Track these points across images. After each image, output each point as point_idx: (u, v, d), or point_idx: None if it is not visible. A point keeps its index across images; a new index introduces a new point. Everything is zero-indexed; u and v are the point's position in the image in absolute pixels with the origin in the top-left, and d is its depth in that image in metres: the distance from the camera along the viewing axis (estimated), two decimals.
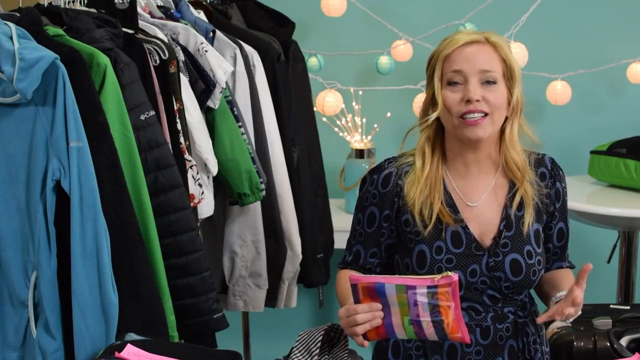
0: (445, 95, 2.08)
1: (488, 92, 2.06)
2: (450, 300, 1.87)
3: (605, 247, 3.56)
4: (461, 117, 2.06)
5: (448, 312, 1.88)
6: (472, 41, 2.08)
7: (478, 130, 2.06)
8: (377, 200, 2.16)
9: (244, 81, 2.85)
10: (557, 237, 2.22)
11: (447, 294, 1.87)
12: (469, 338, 1.93)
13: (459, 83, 2.07)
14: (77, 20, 2.23)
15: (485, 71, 2.06)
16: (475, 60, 2.06)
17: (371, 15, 3.78)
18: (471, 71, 2.06)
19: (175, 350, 2.00)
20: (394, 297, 1.89)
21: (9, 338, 2.09)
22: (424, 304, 1.88)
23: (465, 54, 2.07)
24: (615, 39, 3.81)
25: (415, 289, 1.88)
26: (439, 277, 1.87)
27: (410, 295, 1.88)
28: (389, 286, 1.89)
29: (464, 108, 2.05)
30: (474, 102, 2.04)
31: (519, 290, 2.13)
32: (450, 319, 1.89)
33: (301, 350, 1.97)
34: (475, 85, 2.05)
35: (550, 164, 2.21)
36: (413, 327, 1.91)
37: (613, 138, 3.59)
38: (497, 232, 2.13)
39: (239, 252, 2.92)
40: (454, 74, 2.07)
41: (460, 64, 2.06)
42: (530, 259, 2.11)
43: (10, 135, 2.02)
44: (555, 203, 2.19)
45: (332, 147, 3.78)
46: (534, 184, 2.16)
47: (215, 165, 2.64)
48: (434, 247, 2.10)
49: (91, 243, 2.02)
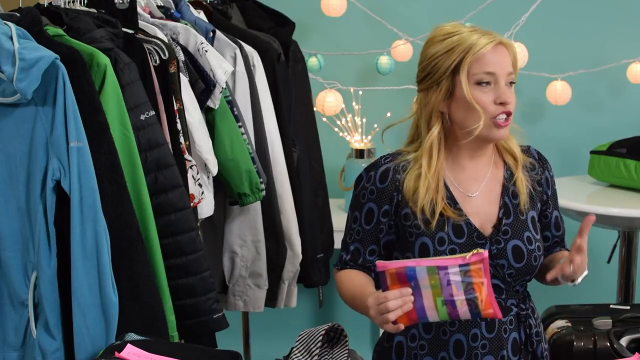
0: (477, 95, 2.09)
1: (510, 93, 2.10)
2: (483, 277, 1.91)
3: (605, 247, 3.56)
4: (493, 118, 2.09)
5: (482, 288, 1.92)
6: (498, 42, 2.10)
7: (506, 131, 2.11)
8: (375, 196, 2.17)
9: (244, 81, 2.85)
10: (555, 226, 2.27)
11: (480, 271, 1.91)
12: (500, 313, 1.97)
13: (489, 83, 2.09)
14: (77, 20, 2.23)
15: (510, 73, 2.11)
16: (503, 62, 2.10)
17: (371, 15, 3.78)
18: (502, 73, 2.09)
19: (175, 350, 2.00)
20: (426, 279, 1.91)
21: (9, 338, 2.09)
22: (458, 283, 1.91)
23: (497, 55, 2.09)
24: (615, 39, 3.81)
25: (447, 268, 1.91)
26: (470, 255, 1.91)
27: (442, 276, 1.91)
28: (420, 269, 1.91)
29: (496, 110, 2.08)
30: (507, 105, 2.08)
31: (521, 278, 2.15)
32: (483, 295, 1.93)
33: (301, 350, 1.97)
34: (506, 88, 2.09)
35: (537, 154, 2.27)
36: (446, 307, 1.94)
37: (613, 138, 3.59)
38: (496, 221, 2.16)
39: (239, 252, 2.92)
40: (485, 75, 2.09)
41: (494, 66, 2.09)
42: (530, 245, 2.14)
43: (10, 135, 2.02)
44: (547, 191, 2.24)
45: (332, 147, 3.78)
46: (526, 170, 2.21)
47: (215, 165, 2.64)
48: (436, 239, 2.11)
49: (91, 243, 2.02)
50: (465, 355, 2.14)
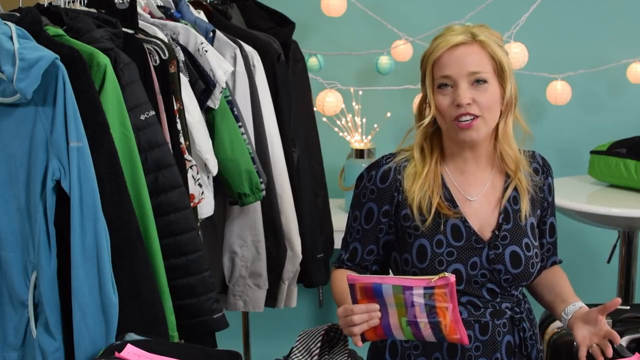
0: (437, 99, 2.09)
1: (478, 94, 2.07)
2: (448, 302, 1.86)
3: (605, 247, 3.56)
4: (454, 120, 2.08)
5: (445, 313, 1.87)
6: (458, 43, 2.07)
7: (472, 133, 2.08)
8: (376, 195, 2.17)
9: (244, 81, 2.85)
10: (549, 233, 2.27)
11: (445, 295, 1.86)
12: (467, 340, 1.92)
13: (449, 86, 2.08)
14: (77, 20, 2.23)
15: (474, 73, 2.07)
16: (463, 62, 2.07)
17: (371, 15, 3.78)
18: (460, 74, 2.06)
19: (175, 350, 2.00)
20: (391, 297, 1.88)
21: (9, 338, 2.09)
22: (421, 305, 1.87)
23: (453, 57, 2.07)
24: (615, 39, 3.81)
25: (412, 289, 1.86)
26: (436, 278, 1.85)
27: (407, 296, 1.87)
28: (386, 286, 1.88)
29: (455, 112, 2.07)
30: (465, 106, 2.06)
31: (517, 284, 2.14)
32: (447, 320, 1.88)
33: (301, 350, 1.97)
34: (464, 89, 2.06)
35: (541, 159, 2.26)
36: (411, 328, 1.91)
37: (613, 138, 3.59)
38: (496, 225, 2.15)
39: (239, 252, 2.92)
40: (443, 78, 2.08)
41: (449, 68, 2.07)
42: (528, 252, 2.14)
43: (10, 136, 2.02)
44: (547, 198, 2.24)
45: (332, 147, 3.78)
46: (529, 176, 2.19)
47: (215, 165, 2.64)
48: (434, 241, 2.11)
49: (91, 243, 2.01)
50: (458, 356, 2.13)
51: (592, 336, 2.04)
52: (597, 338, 2.04)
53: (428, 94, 2.11)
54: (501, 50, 2.11)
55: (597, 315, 2.03)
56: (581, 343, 2.05)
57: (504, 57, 2.10)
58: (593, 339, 2.04)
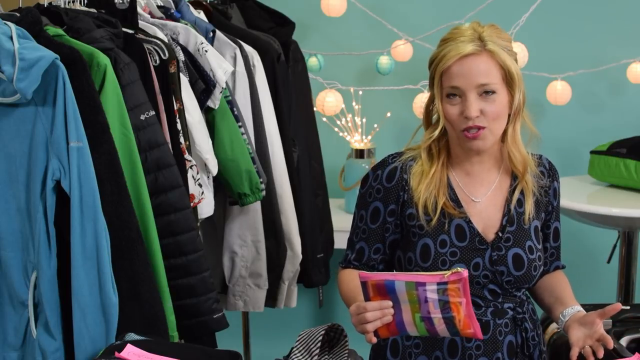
0: (446, 108, 2.09)
1: (487, 104, 2.06)
2: (461, 297, 1.87)
3: (605, 247, 3.56)
4: (462, 131, 2.08)
5: (459, 308, 1.88)
6: (468, 53, 2.06)
7: (478, 143, 2.09)
8: (382, 195, 2.17)
9: (244, 81, 2.85)
10: (554, 237, 2.27)
11: (458, 290, 1.87)
12: (481, 334, 1.93)
13: (457, 96, 2.08)
14: (77, 20, 2.23)
15: (482, 84, 2.06)
16: (472, 73, 2.06)
17: (371, 15, 3.78)
18: (469, 86, 2.05)
19: (175, 350, 1.99)
20: (404, 294, 1.89)
21: (9, 338, 2.09)
22: (435, 301, 1.88)
23: (462, 68, 2.06)
24: (615, 39, 3.81)
25: (425, 285, 1.88)
26: (449, 274, 1.87)
27: (420, 292, 1.88)
28: (399, 283, 1.89)
29: (463, 124, 2.07)
30: (473, 119, 2.06)
31: (519, 286, 2.15)
32: (461, 315, 1.89)
33: (301, 350, 1.97)
34: (472, 101, 2.05)
35: (548, 163, 2.26)
36: (424, 323, 1.92)
37: (613, 138, 3.59)
38: (499, 227, 2.15)
39: (239, 252, 2.92)
40: (452, 89, 2.08)
41: (458, 80, 2.06)
42: (531, 254, 2.14)
43: (10, 136, 2.02)
44: (552, 202, 2.23)
45: (332, 147, 3.78)
46: (535, 177, 2.19)
47: (215, 165, 2.64)
48: (438, 241, 2.11)
49: (91, 243, 2.01)
50: (459, 355, 2.14)
51: (586, 338, 2.04)
52: (591, 340, 2.04)
53: (436, 100, 2.11)
54: (510, 57, 2.09)
55: (595, 319, 2.03)
56: (574, 344, 2.05)
57: (513, 65, 2.09)
58: (587, 340, 2.04)
